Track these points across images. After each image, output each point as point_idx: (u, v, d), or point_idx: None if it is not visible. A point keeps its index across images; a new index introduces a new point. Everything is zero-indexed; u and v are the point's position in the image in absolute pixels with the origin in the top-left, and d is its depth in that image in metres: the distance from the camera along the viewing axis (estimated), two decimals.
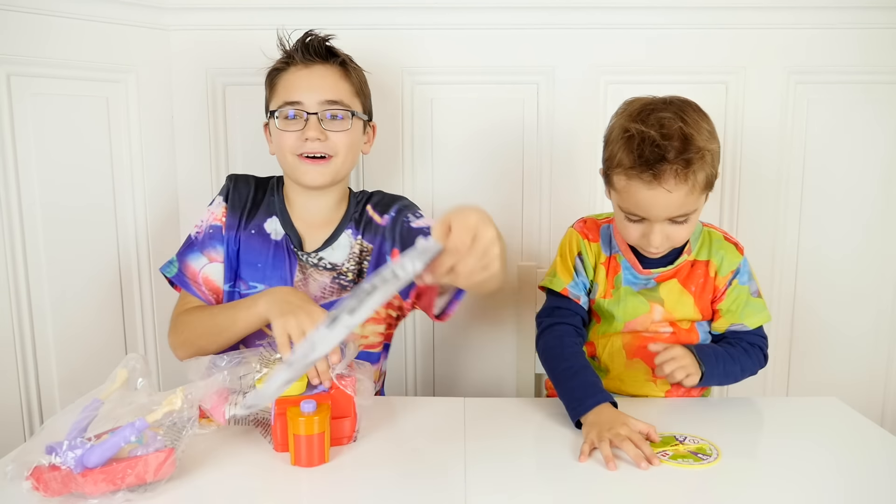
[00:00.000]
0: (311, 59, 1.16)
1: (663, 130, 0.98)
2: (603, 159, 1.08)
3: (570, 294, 1.15)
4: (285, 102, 1.14)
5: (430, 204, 1.54)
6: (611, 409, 0.97)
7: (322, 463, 0.88)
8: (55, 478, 0.75)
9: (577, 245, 1.16)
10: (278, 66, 1.18)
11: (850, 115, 1.50)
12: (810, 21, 1.46)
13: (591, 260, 1.16)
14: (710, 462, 0.88)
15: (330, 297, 1.20)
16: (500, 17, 1.47)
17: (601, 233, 1.17)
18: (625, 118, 1.04)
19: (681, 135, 0.98)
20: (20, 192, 1.26)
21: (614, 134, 1.05)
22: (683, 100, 1.05)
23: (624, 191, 1.03)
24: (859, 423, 1.03)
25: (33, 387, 1.31)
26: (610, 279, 1.15)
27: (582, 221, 1.20)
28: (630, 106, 1.05)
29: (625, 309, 1.14)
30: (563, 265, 1.17)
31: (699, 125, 1.01)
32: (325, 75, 1.16)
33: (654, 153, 0.97)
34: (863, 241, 1.55)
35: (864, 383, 1.59)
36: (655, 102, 1.03)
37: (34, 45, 1.26)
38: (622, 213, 1.06)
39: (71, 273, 1.35)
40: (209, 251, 1.18)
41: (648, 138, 0.98)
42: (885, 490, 0.84)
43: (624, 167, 1.01)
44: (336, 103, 1.15)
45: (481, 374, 1.61)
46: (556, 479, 0.86)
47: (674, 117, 0.99)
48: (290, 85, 1.15)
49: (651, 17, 1.46)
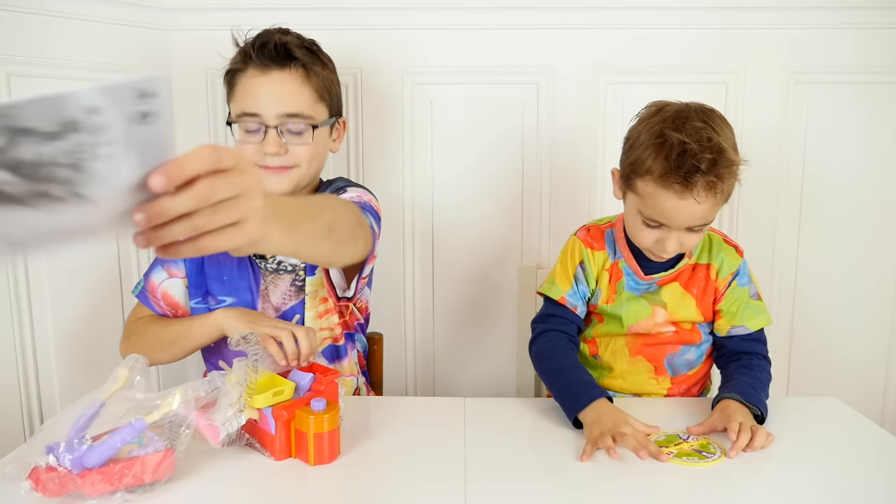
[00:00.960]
0: (267, 64, 1.08)
1: (700, 142, 0.95)
2: (624, 161, 1.06)
3: (566, 303, 1.14)
4: (244, 113, 1.09)
5: (429, 204, 1.54)
6: (611, 407, 0.97)
7: (338, 456, 0.89)
8: (53, 478, 0.75)
9: (579, 254, 1.15)
10: (236, 67, 1.12)
11: (850, 115, 1.50)
12: (810, 21, 1.46)
13: (595, 269, 1.14)
14: (714, 460, 0.88)
15: (289, 301, 1.18)
16: (500, 17, 1.47)
17: (605, 238, 1.15)
18: (657, 123, 0.99)
19: (716, 147, 0.95)
20: None
21: (643, 138, 1.01)
22: (709, 108, 1.02)
23: (650, 197, 1.00)
24: (859, 423, 1.02)
25: (33, 387, 1.31)
26: (613, 285, 1.14)
27: (585, 229, 1.18)
28: (662, 112, 1.01)
29: (628, 313, 1.13)
30: (563, 273, 1.15)
31: (728, 137, 0.99)
32: (284, 82, 1.09)
33: (691, 164, 0.94)
34: (863, 241, 1.54)
35: (864, 383, 1.59)
36: (687, 110, 1.00)
37: (34, 45, 1.26)
38: (640, 217, 1.04)
39: (71, 273, 1.35)
40: (169, 266, 1.18)
41: (687, 149, 0.95)
42: (884, 490, 0.84)
43: (654, 175, 0.98)
44: (296, 115, 1.09)
45: (481, 374, 1.61)
46: (556, 479, 0.86)
47: (706, 127, 0.96)
48: (247, 92, 1.09)
49: (651, 17, 1.46)
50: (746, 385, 1.05)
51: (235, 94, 1.12)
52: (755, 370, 1.10)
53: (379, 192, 1.53)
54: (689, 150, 0.94)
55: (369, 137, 1.52)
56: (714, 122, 0.98)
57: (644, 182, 1.00)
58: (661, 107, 1.03)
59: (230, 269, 1.17)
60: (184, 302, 1.19)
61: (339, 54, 1.31)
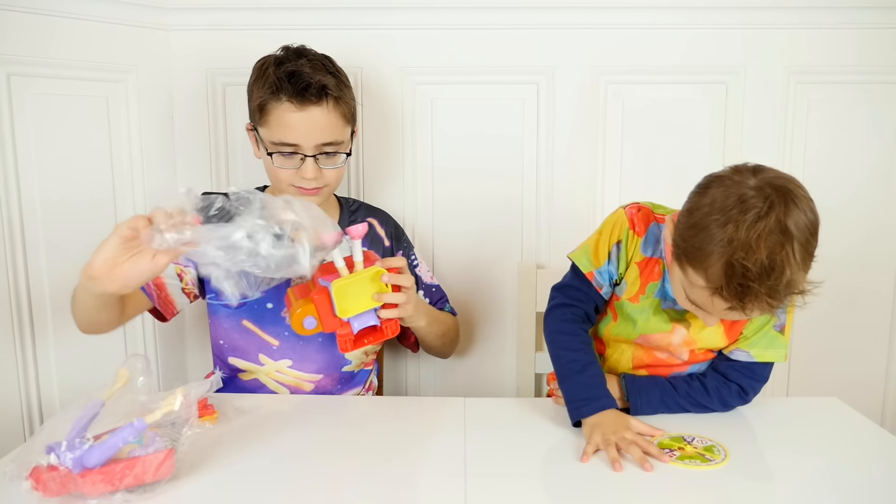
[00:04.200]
0: (303, 102, 1.14)
1: (771, 274, 0.82)
2: (682, 234, 0.90)
3: (594, 280, 1.07)
4: (282, 143, 1.15)
5: (429, 203, 1.54)
6: (614, 412, 0.97)
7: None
8: (53, 478, 0.75)
9: (620, 231, 1.05)
10: (268, 97, 1.15)
11: (850, 115, 1.50)
12: (810, 21, 1.46)
13: (628, 254, 1.05)
14: (717, 464, 0.88)
15: None
16: (500, 17, 1.47)
17: (649, 231, 1.04)
18: (731, 228, 0.83)
19: (787, 282, 0.83)
20: (20, 192, 1.26)
21: (712, 231, 0.85)
22: (795, 205, 0.85)
23: (700, 291, 0.89)
24: (859, 423, 1.02)
25: (33, 387, 1.31)
26: (643, 284, 1.05)
27: (636, 207, 1.06)
28: (741, 209, 0.83)
29: (646, 321, 1.06)
30: (599, 247, 1.07)
31: (807, 257, 0.87)
32: (320, 116, 1.15)
33: (754, 292, 0.83)
34: (863, 241, 1.54)
35: (864, 383, 1.59)
36: (768, 217, 0.83)
37: (34, 45, 1.26)
38: (683, 291, 0.93)
39: (71, 272, 1.34)
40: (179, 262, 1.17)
41: (750, 282, 0.82)
42: (884, 490, 0.84)
43: (710, 283, 0.86)
44: (331, 143, 1.17)
45: (481, 374, 1.61)
46: (556, 480, 0.86)
47: (783, 247, 0.82)
48: (284, 125, 1.15)
49: (651, 17, 1.46)
50: (652, 385, 1.04)
51: (269, 122, 1.16)
52: (700, 389, 1.04)
53: (379, 191, 1.54)
54: (753, 281, 0.82)
55: (369, 137, 1.51)
56: (794, 244, 0.83)
57: (697, 276, 0.88)
58: (741, 197, 0.84)
59: None
60: (173, 291, 1.18)
61: (339, 54, 1.31)
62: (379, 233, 1.32)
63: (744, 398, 1.05)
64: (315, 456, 0.93)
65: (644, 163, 1.52)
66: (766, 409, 1.08)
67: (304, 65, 1.15)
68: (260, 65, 1.20)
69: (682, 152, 1.51)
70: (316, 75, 1.15)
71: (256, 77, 1.19)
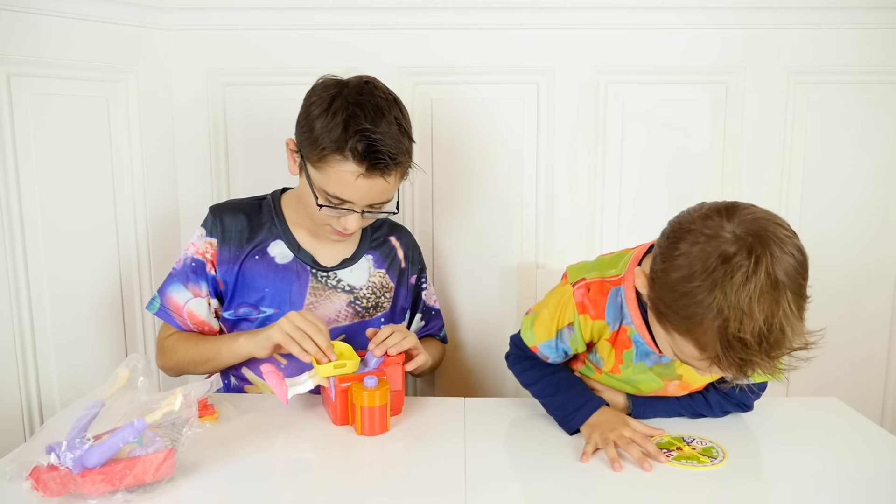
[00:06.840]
0: (373, 172, 1.06)
1: (767, 333, 0.74)
2: (658, 303, 0.81)
3: (538, 353, 1.04)
4: (336, 197, 1.09)
5: (429, 203, 1.54)
6: (608, 410, 0.97)
7: (385, 431, 0.98)
8: (54, 478, 0.75)
9: (571, 315, 0.98)
10: (334, 149, 1.04)
11: (850, 115, 1.50)
12: (810, 21, 1.46)
13: (588, 337, 0.99)
14: (715, 464, 0.88)
15: (344, 321, 1.21)
16: (500, 17, 1.47)
17: (609, 299, 0.95)
18: (715, 292, 0.74)
19: (788, 339, 0.77)
20: (20, 192, 1.26)
21: (686, 302, 0.76)
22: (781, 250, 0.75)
23: (691, 357, 0.81)
24: (859, 423, 1.03)
25: (33, 387, 1.31)
26: (619, 354, 0.99)
27: (585, 287, 0.97)
28: (726, 274, 0.74)
29: (636, 384, 1.02)
30: (547, 322, 1.01)
31: (801, 303, 0.78)
32: (384, 185, 1.08)
33: (751, 361, 0.76)
34: (862, 241, 1.54)
35: (864, 383, 1.59)
36: (756, 275, 0.73)
37: (34, 45, 1.26)
38: (669, 347, 0.85)
39: (71, 272, 1.34)
40: (192, 286, 1.18)
41: (748, 345, 0.74)
42: (885, 490, 0.84)
43: (705, 356, 0.78)
44: (383, 203, 1.13)
45: (481, 374, 1.61)
46: (556, 479, 0.86)
47: (778, 304, 0.74)
48: (345, 185, 1.07)
49: (651, 17, 1.46)
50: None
51: (328, 172, 1.07)
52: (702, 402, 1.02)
53: None
54: (752, 350, 0.75)
55: None
56: (787, 295, 0.75)
57: (686, 343, 0.79)
58: (722, 255, 0.75)
59: (273, 281, 1.18)
60: (209, 319, 1.20)
61: (339, 54, 1.32)
62: (398, 255, 1.29)
63: (745, 409, 1.06)
64: (315, 456, 0.93)
65: (644, 163, 1.52)
66: (766, 409, 1.08)
67: (385, 134, 1.04)
68: (329, 98, 1.06)
69: (682, 152, 1.51)
70: (394, 147, 1.05)
71: (322, 111, 1.05)
